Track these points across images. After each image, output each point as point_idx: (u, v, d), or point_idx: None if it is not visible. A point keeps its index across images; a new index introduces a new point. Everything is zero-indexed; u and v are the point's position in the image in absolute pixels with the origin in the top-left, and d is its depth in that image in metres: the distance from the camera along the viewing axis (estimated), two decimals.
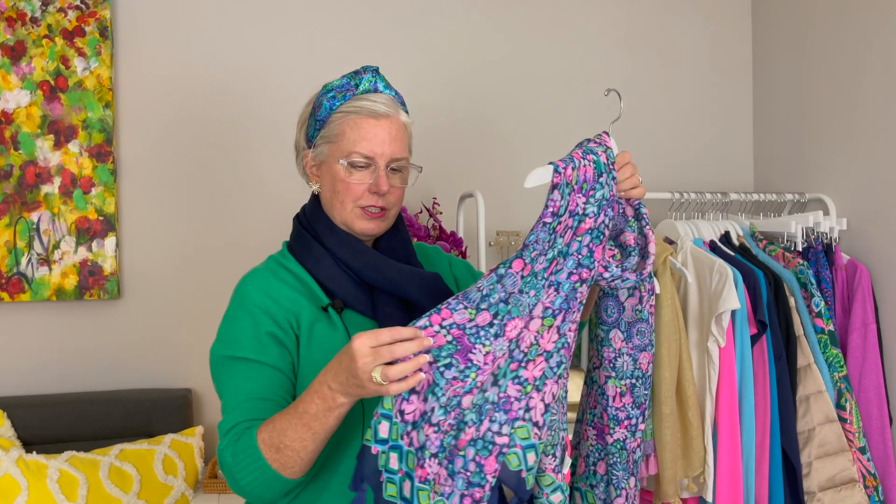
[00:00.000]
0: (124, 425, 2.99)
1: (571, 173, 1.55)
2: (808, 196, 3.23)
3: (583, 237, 1.56)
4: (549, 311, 1.53)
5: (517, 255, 1.54)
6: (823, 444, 2.66)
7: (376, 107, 1.70)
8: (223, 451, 1.55)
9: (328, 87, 1.74)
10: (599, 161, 1.57)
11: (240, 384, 1.58)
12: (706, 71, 3.74)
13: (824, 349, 2.75)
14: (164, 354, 3.19)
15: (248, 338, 1.61)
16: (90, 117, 3.11)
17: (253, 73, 3.27)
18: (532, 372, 1.48)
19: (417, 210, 3.23)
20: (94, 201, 3.10)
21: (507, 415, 1.46)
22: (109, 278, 3.12)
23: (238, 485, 1.53)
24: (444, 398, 1.44)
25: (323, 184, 1.75)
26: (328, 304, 1.66)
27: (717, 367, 2.58)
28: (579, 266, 1.56)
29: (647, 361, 1.72)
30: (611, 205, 1.58)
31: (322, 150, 1.73)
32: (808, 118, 3.38)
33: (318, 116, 1.72)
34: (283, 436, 1.48)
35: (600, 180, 1.57)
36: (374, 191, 1.69)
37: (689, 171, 3.70)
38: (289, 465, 1.50)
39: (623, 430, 1.74)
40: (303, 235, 1.75)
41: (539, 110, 3.55)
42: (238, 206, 3.25)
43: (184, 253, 3.22)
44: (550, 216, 1.54)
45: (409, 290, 1.70)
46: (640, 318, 1.70)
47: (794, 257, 2.85)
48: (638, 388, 1.73)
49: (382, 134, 1.69)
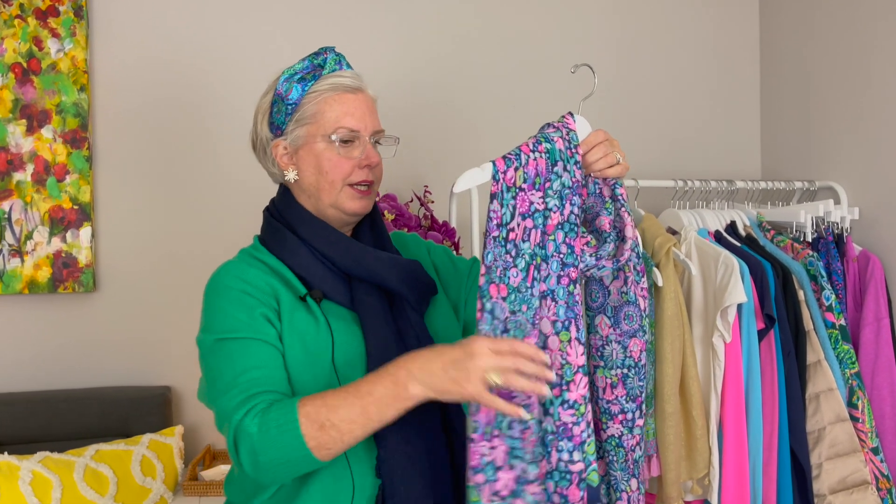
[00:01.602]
0: (100, 425, 2.98)
1: (514, 174, 1.53)
2: (818, 184, 3.23)
3: (555, 234, 1.54)
4: (558, 325, 1.52)
5: (486, 281, 1.51)
6: (834, 445, 2.65)
7: (351, 81, 1.75)
8: (243, 422, 1.50)
9: (290, 72, 1.76)
10: (554, 149, 1.55)
11: (240, 361, 1.57)
12: (711, 54, 3.73)
13: (835, 345, 2.74)
14: (142, 350, 3.18)
15: (242, 319, 1.61)
16: (64, 101, 3.10)
17: (235, 55, 3.26)
18: (578, 392, 1.47)
19: (408, 199, 3.22)
20: (68, 189, 3.09)
21: (571, 441, 1.46)
22: (84, 270, 3.11)
23: (255, 459, 1.49)
24: (528, 454, 1.45)
25: (303, 169, 1.75)
26: (306, 294, 1.67)
27: (722, 364, 2.57)
28: (564, 266, 1.54)
29: (639, 349, 1.68)
30: (576, 192, 1.56)
31: (298, 134, 1.74)
32: (818, 102, 3.37)
33: (288, 101, 1.73)
34: (332, 412, 1.47)
35: (555, 170, 1.54)
36: (366, 164, 1.73)
37: (693, 157, 3.69)
38: (326, 445, 1.48)
39: (618, 425, 1.70)
40: (276, 227, 1.75)
41: (536, 96, 3.54)
42: (220, 194, 3.25)
43: (163, 244, 3.22)
44: (496, 228, 1.52)
45: (388, 278, 1.71)
46: (627, 300, 1.66)
47: (803, 248, 2.84)
48: (631, 378, 1.69)
49: (363, 107, 1.74)
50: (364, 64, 3.26)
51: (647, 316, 1.68)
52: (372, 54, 3.33)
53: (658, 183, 2.97)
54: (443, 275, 1.92)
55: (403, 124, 3.31)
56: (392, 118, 3.25)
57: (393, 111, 3.27)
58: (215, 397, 1.58)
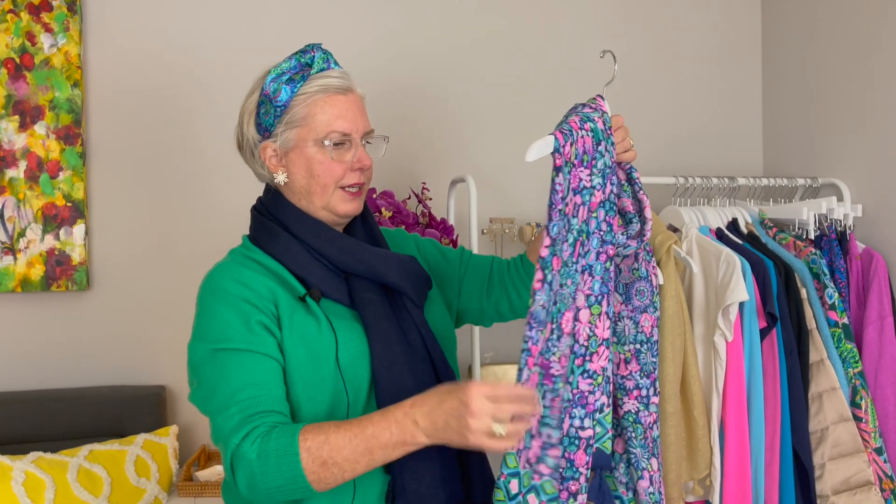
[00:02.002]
0: (94, 424, 2.98)
1: (570, 149, 1.59)
2: (821, 181, 3.22)
3: (597, 212, 1.61)
4: (592, 299, 1.57)
5: (550, 253, 1.57)
6: (837, 445, 2.65)
7: (340, 82, 1.73)
8: (241, 447, 1.50)
9: (277, 71, 1.74)
10: (597, 128, 1.62)
11: (237, 376, 1.56)
12: (713, 49, 3.71)
13: (838, 343, 2.74)
14: (137, 349, 3.18)
15: (238, 328, 1.59)
16: (58, 97, 3.08)
17: (231, 50, 3.24)
18: (599, 363, 1.53)
19: (406, 196, 3.20)
20: (61, 186, 3.08)
21: (584, 409, 1.51)
22: (78, 268, 3.10)
23: (252, 484, 1.50)
24: (555, 419, 1.51)
25: (293, 172, 1.74)
26: (305, 294, 1.66)
27: (724, 363, 2.57)
28: (603, 243, 1.60)
29: (651, 324, 1.74)
30: (614, 172, 1.63)
31: (289, 137, 1.72)
32: (821, 97, 3.36)
33: (277, 102, 1.71)
34: (336, 452, 1.48)
35: (599, 149, 1.61)
36: (358, 167, 1.73)
37: (694, 154, 3.68)
38: (327, 481, 1.49)
39: (633, 400, 1.75)
40: (267, 225, 1.74)
41: (534, 89, 3.52)
42: (216, 192, 3.23)
43: (157, 241, 3.20)
44: (560, 201, 1.58)
45: (388, 274, 1.72)
46: (639, 276, 1.72)
47: (805, 246, 2.84)
48: (644, 353, 1.74)
49: (353, 108, 1.73)
50: (360, 61, 3.27)
51: (657, 294, 1.74)
52: (369, 50, 3.32)
53: (659, 179, 2.96)
54: (434, 267, 1.92)
55: (400, 121, 3.32)
56: (389, 115, 3.26)
57: (390, 108, 3.28)
58: (211, 413, 1.57)
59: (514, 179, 3.41)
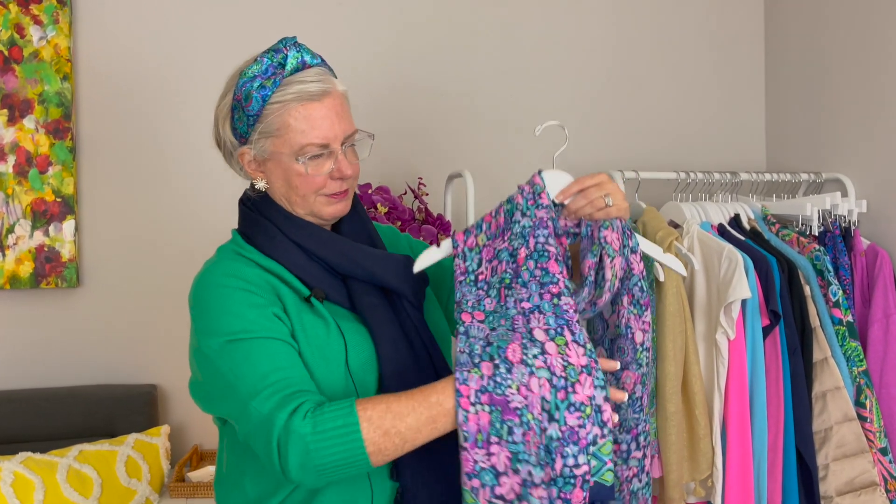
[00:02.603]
0: (84, 424, 2.98)
1: (474, 240, 1.69)
2: (825, 176, 3.22)
3: (526, 264, 1.62)
4: (551, 332, 1.55)
5: (458, 312, 1.62)
6: (841, 445, 2.66)
7: (314, 87, 1.64)
8: (292, 422, 1.45)
9: (248, 74, 1.66)
10: (513, 206, 1.69)
11: (263, 361, 1.52)
12: (714, 40, 3.70)
13: (842, 342, 2.75)
14: (127, 347, 3.18)
15: (251, 318, 1.56)
16: (47, 91, 3.07)
17: (224, 43, 3.23)
18: (584, 392, 1.48)
19: (402, 191, 3.22)
20: (51, 181, 3.08)
21: (577, 445, 1.47)
22: (68, 265, 3.09)
23: (306, 461, 1.45)
24: (533, 456, 1.47)
25: (272, 179, 1.71)
26: (310, 295, 1.64)
27: (726, 362, 2.58)
28: (542, 286, 1.60)
29: (633, 381, 1.71)
30: (540, 227, 1.65)
31: (264, 147, 1.67)
32: (826, 91, 3.35)
33: (249, 111, 1.65)
34: (399, 420, 1.45)
35: (514, 218, 1.67)
36: (339, 177, 1.68)
37: (695, 148, 3.67)
38: (386, 451, 1.46)
39: None
40: (261, 223, 1.71)
41: (532, 82, 3.52)
42: (209, 187, 3.22)
43: (149, 238, 3.20)
44: (462, 275, 1.67)
45: (387, 276, 1.70)
46: (619, 333, 1.72)
47: (809, 242, 2.85)
48: (624, 410, 1.72)
49: (331, 115, 1.65)
50: (354, 53, 3.27)
51: (644, 350, 1.71)
52: (364, 43, 3.31)
53: (660, 175, 2.96)
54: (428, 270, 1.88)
55: (396, 115, 3.31)
56: (384, 108, 3.26)
57: (385, 102, 3.28)
58: (239, 403, 1.52)
59: (512, 174, 3.28)
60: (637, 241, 1.72)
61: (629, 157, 3.53)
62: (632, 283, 1.70)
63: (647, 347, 1.71)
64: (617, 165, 3.41)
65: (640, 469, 1.74)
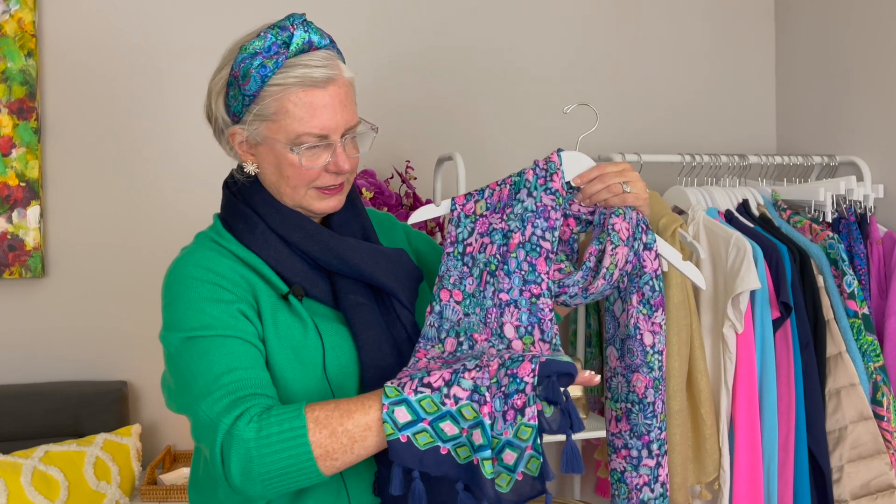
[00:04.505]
0: (49, 423, 2.97)
1: (473, 206, 1.72)
2: (840, 159, 3.23)
3: (517, 252, 1.67)
4: (521, 330, 1.63)
5: (438, 288, 1.69)
6: (857, 446, 2.67)
7: (319, 73, 1.61)
8: (236, 427, 1.44)
9: (249, 49, 1.63)
10: (521, 180, 1.72)
11: (220, 360, 1.52)
12: (720, 13, 3.69)
13: (857, 335, 2.75)
14: (96, 341, 3.17)
15: (215, 315, 1.55)
16: (10, 68, 3.06)
17: (198, 17, 3.20)
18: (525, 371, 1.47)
19: (388, 175, 3.20)
20: (14, 165, 3.06)
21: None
22: (32, 254, 3.08)
23: (248, 468, 1.43)
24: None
25: (263, 165, 1.68)
26: (288, 293, 1.61)
27: (733, 357, 2.60)
28: (525, 283, 1.66)
29: (644, 385, 1.74)
30: (542, 216, 1.68)
31: (258, 130, 1.64)
32: (840, 67, 3.35)
33: (245, 90, 1.62)
34: (346, 417, 1.43)
35: (518, 196, 1.70)
36: (334, 170, 1.65)
37: (701, 129, 3.66)
38: (335, 454, 1.43)
39: (620, 460, 1.78)
40: (242, 211, 1.68)
41: (528, 60, 3.51)
42: (183, 171, 3.21)
43: (120, 225, 3.19)
44: (450, 245, 1.71)
45: (375, 272, 1.67)
46: (628, 334, 1.74)
47: (822, 230, 2.86)
48: (635, 414, 1.75)
49: (333, 104, 1.62)
50: (340, 28, 3.21)
51: (655, 353, 1.74)
52: (350, 18, 3.30)
53: (663, 157, 2.97)
54: (426, 263, 1.88)
55: (383, 94, 3.31)
56: (371, 87, 3.24)
57: (372, 80, 3.30)
58: (191, 403, 1.51)
59: (506, 157, 3.40)
60: (654, 238, 1.72)
61: (630, 138, 3.53)
62: (642, 281, 1.71)
63: (658, 350, 1.73)
64: (618, 148, 3.39)
65: (652, 478, 1.76)
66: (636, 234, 1.69)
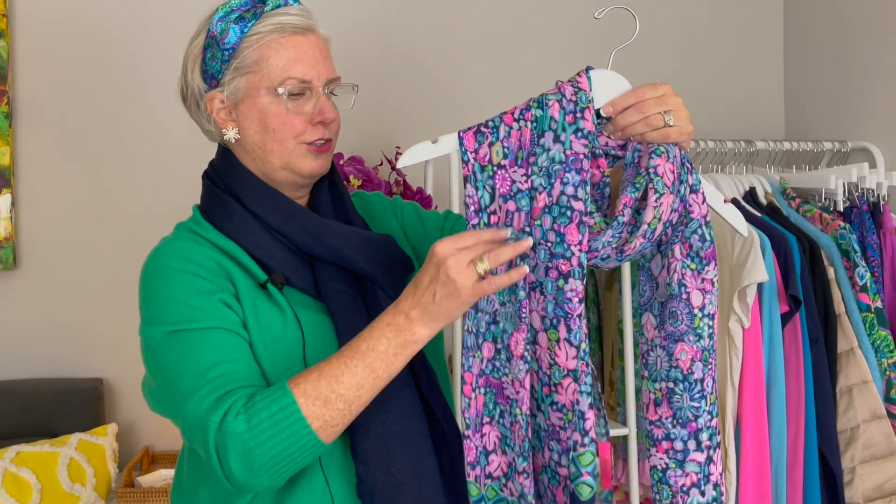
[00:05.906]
0: (21, 423, 2.98)
1: (488, 151, 1.50)
2: (851, 145, 3.23)
3: (541, 218, 1.46)
4: (546, 322, 1.46)
5: None
6: (869, 446, 2.67)
7: (299, 20, 1.64)
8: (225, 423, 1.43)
9: (225, 8, 1.65)
10: (545, 116, 1.48)
11: (205, 354, 1.51)
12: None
13: (870, 330, 2.74)
14: (70, 337, 3.18)
15: (197, 306, 1.54)
16: None
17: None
18: (567, 397, 1.45)
19: (377, 162, 3.18)
20: None
21: (559, 444, 1.47)
22: (3, 245, 3.09)
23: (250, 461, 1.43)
24: (517, 446, 1.49)
25: (245, 126, 1.66)
26: (267, 281, 1.60)
27: (740, 353, 2.60)
28: (552, 257, 1.45)
29: (689, 357, 1.49)
30: (573, 168, 1.45)
31: (238, 86, 1.64)
32: (851, 50, 3.34)
33: (224, 45, 1.63)
34: (335, 382, 1.44)
35: (541, 142, 1.47)
36: (320, 120, 1.64)
37: (707, 114, 3.57)
38: (334, 421, 1.45)
39: (661, 454, 1.52)
40: (220, 197, 1.67)
41: (523, 41, 3.52)
42: (160, 158, 3.21)
43: (95, 214, 3.19)
44: (475, 215, 1.50)
45: (356, 258, 1.65)
46: (670, 293, 1.50)
47: (833, 219, 2.85)
48: (678, 395, 1.50)
49: (314, 51, 1.64)
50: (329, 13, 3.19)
51: (705, 316, 1.50)
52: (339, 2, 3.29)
53: None
54: (412, 238, 1.86)
55: (371, 76, 3.35)
56: (358, 68, 3.17)
57: (359, 60, 3.30)
58: (179, 403, 1.50)
59: None
60: (699, 178, 1.49)
61: (688, 126, 3.48)
62: (689, 229, 1.48)
63: (708, 314, 1.50)
64: None
65: (702, 478, 1.51)
66: (682, 177, 1.46)
